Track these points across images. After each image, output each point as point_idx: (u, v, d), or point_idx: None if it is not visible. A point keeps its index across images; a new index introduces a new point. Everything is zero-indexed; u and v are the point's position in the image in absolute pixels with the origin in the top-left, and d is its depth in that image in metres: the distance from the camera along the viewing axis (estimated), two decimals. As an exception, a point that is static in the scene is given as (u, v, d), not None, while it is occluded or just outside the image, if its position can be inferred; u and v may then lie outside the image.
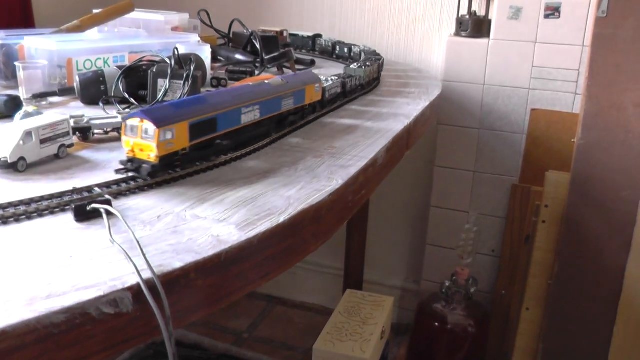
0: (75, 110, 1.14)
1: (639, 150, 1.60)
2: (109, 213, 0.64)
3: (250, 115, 0.87)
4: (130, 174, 0.75)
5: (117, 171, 0.77)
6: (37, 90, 1.18)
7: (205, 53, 1.36)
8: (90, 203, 0.65)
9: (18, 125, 0.80)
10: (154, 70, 1.11)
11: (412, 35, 2.09)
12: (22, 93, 1.17)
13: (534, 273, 1.82)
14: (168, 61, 1.14)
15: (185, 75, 1.09)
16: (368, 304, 1.86)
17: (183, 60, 1.18)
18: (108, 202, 0.66)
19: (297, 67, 1.62)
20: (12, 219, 0.65)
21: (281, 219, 0.66)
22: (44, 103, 1.17)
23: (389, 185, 2.21)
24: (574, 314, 1.72)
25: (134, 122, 0.73)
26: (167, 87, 1.08)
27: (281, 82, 0.96)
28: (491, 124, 1.95)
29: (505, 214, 2.00)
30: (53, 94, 1.19)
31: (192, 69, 1.09)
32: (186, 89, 1.08)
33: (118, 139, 0.94)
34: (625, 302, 1.65)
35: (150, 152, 0.73)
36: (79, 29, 1.45)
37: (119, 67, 1.19)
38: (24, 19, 2.15)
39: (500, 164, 1.98)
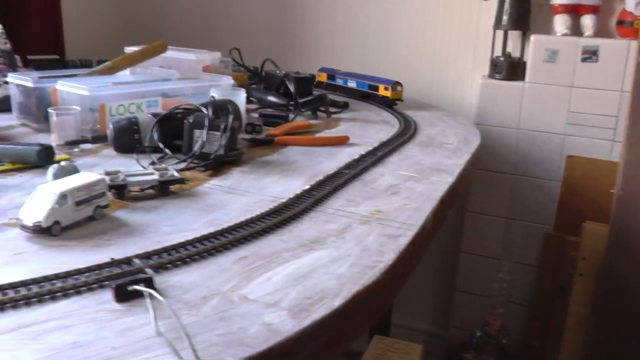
0: (107, 159, 1.11)
1: (681, 203, 1.55)
2: (152, 294, 0.60)
3: None
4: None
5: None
6: (69, 137, 1.14)
7: (240, 97, 1.33)
8: (131, 282, 0.61)
9: (52, 187, 0.76)
10: (190, 121, 1.08)
11: (445, 75, 2.05)
12: (55, 139, 1.14)
13: (569, 327, 1.76)
14: (204, 110, 1.10)
15: (223, 127, 1.05)
16: (396, 352, 1.80)
17: (219, 107, 1.15)
18: (150, 282, 0.62)
19: (330, 109, 1.58)
20: (47, 296, 0.61)
21: (336, 304, 0.61)
22: (75, 150, 1.14)
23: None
24: (611, 371, 1.65)
25: (387, 85, 1.73)
26: (205, 139, 1.05)
27: None
28: (525, 169, 1.90)
29: (537, 262, 1.94)
30: (85, 141, 1.15)
31: (230, 120, 1.06)
32: (224, 140, 1.04)
33: (154, 197, 0.90)
34: (665, 360, 1.59)
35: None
36: (112, 70, 1.42)
37: (153, 115, 1.16)
38: (56, 49, 2.20)
39: (533, 211, 1.92)
